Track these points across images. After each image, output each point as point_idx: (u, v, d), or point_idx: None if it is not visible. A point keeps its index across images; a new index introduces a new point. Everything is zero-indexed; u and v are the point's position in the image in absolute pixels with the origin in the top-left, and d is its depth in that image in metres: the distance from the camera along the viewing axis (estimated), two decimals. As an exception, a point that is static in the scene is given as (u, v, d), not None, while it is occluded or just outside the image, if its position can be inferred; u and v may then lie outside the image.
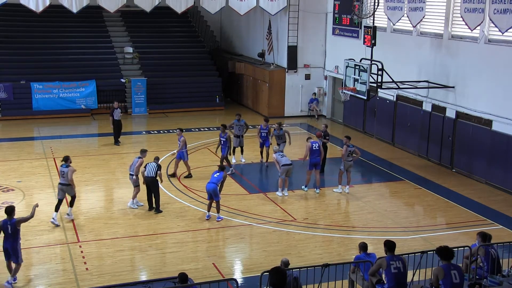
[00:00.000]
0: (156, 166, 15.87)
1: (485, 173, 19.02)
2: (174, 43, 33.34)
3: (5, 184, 18.05)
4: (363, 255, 10.78)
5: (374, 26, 20.77)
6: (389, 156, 22.28)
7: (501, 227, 15.38)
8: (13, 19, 31.10)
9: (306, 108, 29.16)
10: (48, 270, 12.61)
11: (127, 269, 12.77)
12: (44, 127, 26.27)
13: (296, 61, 28.70)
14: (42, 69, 29.46)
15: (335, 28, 27.68)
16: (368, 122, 25.62)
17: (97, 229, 14.85)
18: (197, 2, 28.09)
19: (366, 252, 10.84)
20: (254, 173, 20.15)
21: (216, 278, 11.57)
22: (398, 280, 9.65)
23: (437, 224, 15.97)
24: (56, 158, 20.86)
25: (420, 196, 17.94)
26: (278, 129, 19.98)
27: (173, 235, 14.63)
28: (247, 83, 31.44)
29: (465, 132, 19.84)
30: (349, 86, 21.12)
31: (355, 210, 16.72)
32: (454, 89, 20.18)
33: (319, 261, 12.34)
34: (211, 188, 15.30)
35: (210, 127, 26.45)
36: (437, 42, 20.95)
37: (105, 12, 30.08)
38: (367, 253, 10.85)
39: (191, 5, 27.78)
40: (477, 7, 17.95)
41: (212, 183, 15.34)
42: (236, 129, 20.41)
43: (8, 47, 29.94)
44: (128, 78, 29.52)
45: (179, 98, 30.27)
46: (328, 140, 19.99)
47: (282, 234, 14.80)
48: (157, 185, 16.02)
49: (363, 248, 10.87)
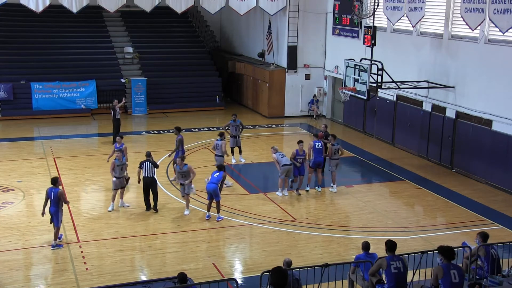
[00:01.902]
0: (151, 165, 15.84)
1: (485, 173, 19.02)
2: (174, 43, 33.34)
3: (5, 184, 18.06)
4: (363, 255, 10.76)
5: (374, 26, 20.77)
6: (389, 156, 22.28)
7: (501, 227, 15.38)
8: (13, 19, 31.12)
9: (306, 108, 29.16)
10: (48, 270, 12.63)
11: (127, 269, 12.77)
12: (44, 127, 26.27)
13: (296, 61, 28.70)
14: (42, 69, 29.46)
15: (335, 28, 27.68)
16: (368, 122, 25.62)
17: (97, 229, 14.85)
18: (197, 2, 28.10)
19: (368, 252, 10.80)
20: (254, 173, 20.15)
21: (216, 278, 11.57)
22: (398, 280, 9.65)
23: (437, 224, 15.97)
24: (56, 158, 20.88)
25: (420, 196, 17.94)
26: None
27: (173, 235, 14.63)
28: (247, 83, 31.44)
29: (465, 132, 19.84)
30: (349, 86, 21.13)
31: (355, 210, 16.72)
32: (454, 89, 20.18)
33: (319, 261, 12.34)
34: (211, 188, 15.31)
35: (210, 127, 26.45)
36: (437, 42, 20.95)
37: (105, 12, 30.10)
38: (369, 252, 10.81)
39: (191, 5, 27.79)
40: (477, 7, 17.95)
41: (213, 183, 15.35)
42: (233, 129, 20.42)
43: (8, 47, 29.94)
44: (128, 78, 29.53)
45: (179, 98, 30.27)
46: (330, 141, 19.96)
47: (282, 234, 14.80)
48: (156, 184, 16.01)
49: (365, 248, 10.82)
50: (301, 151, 17.57)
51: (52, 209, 13.56)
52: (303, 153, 17.59)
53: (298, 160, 17.50)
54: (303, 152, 17.59)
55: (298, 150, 17.56)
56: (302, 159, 17.60)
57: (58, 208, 13.54)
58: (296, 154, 17.53)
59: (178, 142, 18.59)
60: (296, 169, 17.49)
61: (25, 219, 15.42)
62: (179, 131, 18.83)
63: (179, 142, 18.60)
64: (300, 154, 17.56)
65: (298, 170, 17.59)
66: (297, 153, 17.55)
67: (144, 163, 15.90)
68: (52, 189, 13.57)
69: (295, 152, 17.55)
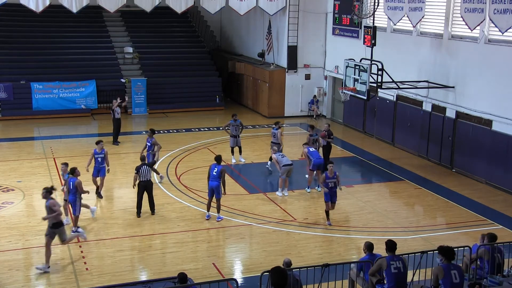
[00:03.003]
0: (148, 168, 15.65)
1: (485, 173, 19.02)
2: (174, 43, 33.34)
3: (5, 184, 18.06)
4: (367, 256, 10.71)
5: (374, 26, 20.78)
6: (389, 156, 22.28)
7: (501, 227, 15.36)
8: (13, 19, 31.12)
9: (306, 108, 29.17)
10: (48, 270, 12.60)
11: (127, 269, 12.77)
12: (44, 127, 26.27)
13: (296, 61, 28.70)
14: (42, 69, 29.46)
15: (335, 28, 27.68)
16: (368, 122, 25.62)
17: (97, 229, 14.85)
18: (197, 2, 28.10)
19: (372, 253, 10.75)
20: (254, 173, 20.13)
21: (216, 278, 11.57)
22: (398, 280, 9.66)
23: (437, 224, 15.97)
24: (56, 158, 20.87)
25: (420, 196, 17.94)
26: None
27: (173, 235, 14.63)
28: (247, 83, 31.45)
29: (465, 132, 19.84)
30: (349, 86, 21.13)
31: (355, 210, 16.72)
32: (454, 89, 20.18)
33: (319, 261, 12.34)
34: (214, 185, 15.16)
35: (210, 127, 26.45)
36: (437, 42, 20.95)
37: (105, 12, 30.09)
38: (373, 253, 10.76)
39: (191, 5, 27.80)
40: (477, 7, 17.95)
41: (215, 180, 15.18)
42: (232, 129, 20.43)
43: (8, 47, 29.95)
44: (128, 78, 29.53)
45: (179, 98, 30.27)
46: (333, 140, 20.03)
47: (282, 234, 14.80)
48: (152, 186, 15.91)
49: (369, 249, 10.76)
50: (332, 173, 15.32)
51: (71, 198, 14.27)
52: (334, 175, 15.38)
53: (329, 184, 15.29)
54: (334, 174, 15.38)
55: (328, 173, 15.34)
56: (334, 183, 15.40)
57: (76, 197, 14.19)
58: (326, 178, 15.29)
59: (153, 145, 18.45)
60: (327, 194, 15.32)
61: (25, 219, 15.42)
62: (153, 133, 18.76)
63: (154, 145, 18.47)
64: (331, 177, 15.31)
65: (330, 195, 15.34)
66: (326, 176, 15.32)
67: (142, 167, 15.57)
68: (71, 179, 14.30)
69: (324, 176, 15.36)
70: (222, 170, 15.32)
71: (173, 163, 20.50)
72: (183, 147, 22.70)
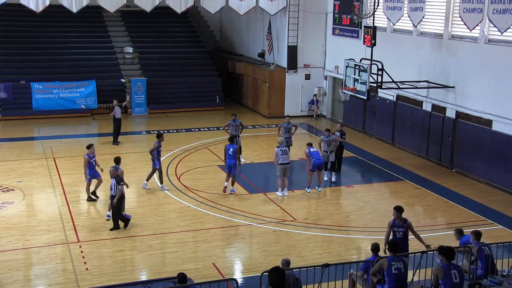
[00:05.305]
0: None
1: (485, 173, 19.01)
2: (174, 43, 33.33)
3: (5, 184, 18.05)
4: (372, 257, 10.65)
5: (374, 26, 20.77)
6: (389, 156, 22.27)
7: (501, 227, 15.37)
8: (13, 19, 31.10)
9: (306, 108, 29.16)
10: (48, 270, 12.61)
11: (127, 269, 12.77)
12: (44, 127, 26.27)
13: (296, 61, 28.69)
14: (42, 69, 29.45)
15: (335, 28, 27.68)
16: (368, 122, 25.61)
17: (97, 229, 14.85)
18: (197, 2, 28.10)
19: (377, 255, 10.69)
20: (254, 173, 20.13)
21: (216, 278, 11.57)
22: (399, 281, 9.65)
23: (437, 224, 15.97)
24: (56, 158, 20.87)
25: (420, 196, 17.94)
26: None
27: (173, 235, 14.63)
28: (247, 83, 31.44)
29: (465, 132, 19.84)
30: (349, 86, 21.12)
31: (355, 210, 16.72)
32: (454, 89, 20.17)
33: (319, 261, 12.32)
34: (232, 163, 17.18)
35: (210, 127, 26.45)
36: (437, 42, 20.95)
37: (105, 12, 30.07)
38: (378, 255, 10.68)
39: (191, 5, 27.80)
40: (476, 7, 17.96)
41: (232, 159, 17.16)
42: (232, 129, 20.41)
43: (8, 47, 29.94)
44: (128, 78, 29.53)
45: (179, 98, 30.25)
46: (345, 139, 20.04)
47: (282, 234, 14.80)
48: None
49: (375, 250, 10.72)
50: (401, 221, 11.82)
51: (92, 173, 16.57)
52: (404, 224, 11.84)
53: (397, 233, 11.83)
54: (403, 223, 11.84)
55: (397, 221, 11.85)
56: (403, 232, 11.84)
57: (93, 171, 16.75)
58: (394, 226, 11.86)
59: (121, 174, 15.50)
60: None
61: (25, 219, 15.40)
62: (118, 163, 15.82)
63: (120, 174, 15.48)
64: (399, 225, 11.83)
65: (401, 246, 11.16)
66: (394, 224, 11.86)
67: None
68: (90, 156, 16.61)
69: (392, 223, 11.88)
70: (237, 148, 17.43)
71: (173, 163, 20.49)
72: (183, 147, 22.70)
